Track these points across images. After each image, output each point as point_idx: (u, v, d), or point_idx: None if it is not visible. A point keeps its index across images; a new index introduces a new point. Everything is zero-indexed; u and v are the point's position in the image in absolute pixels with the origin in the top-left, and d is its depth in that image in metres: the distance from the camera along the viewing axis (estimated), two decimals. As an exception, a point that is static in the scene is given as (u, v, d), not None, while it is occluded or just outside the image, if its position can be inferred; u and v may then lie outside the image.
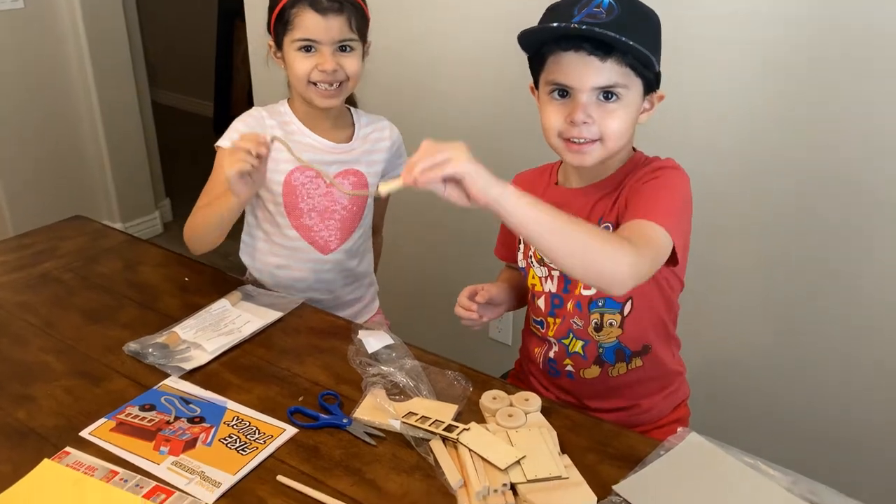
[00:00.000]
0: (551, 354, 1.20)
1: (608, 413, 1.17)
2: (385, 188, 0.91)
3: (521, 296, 1.30)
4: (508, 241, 1.28)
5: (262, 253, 1.40)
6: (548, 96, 1.05)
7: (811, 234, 1.51)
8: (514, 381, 1.32)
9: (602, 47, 0.98)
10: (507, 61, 1.79)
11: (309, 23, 1.21)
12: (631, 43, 0.96)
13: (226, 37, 4.10)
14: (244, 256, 1.44)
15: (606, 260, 0.89)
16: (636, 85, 1.02)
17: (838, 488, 0.90)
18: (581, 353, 1.16)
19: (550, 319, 1.18)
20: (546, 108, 1.05)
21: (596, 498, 0.88)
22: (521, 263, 1.21)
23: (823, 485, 0.90)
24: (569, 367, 1.18)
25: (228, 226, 1.25)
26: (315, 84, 1.25)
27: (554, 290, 1.16)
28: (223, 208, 1.21)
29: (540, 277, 1.17)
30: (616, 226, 1.06)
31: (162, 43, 4.27)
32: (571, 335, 1.16)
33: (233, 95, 4.14)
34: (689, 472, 0.93)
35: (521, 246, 1.20)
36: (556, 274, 1.15)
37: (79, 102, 2.80)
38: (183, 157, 3.32)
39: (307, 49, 1.24)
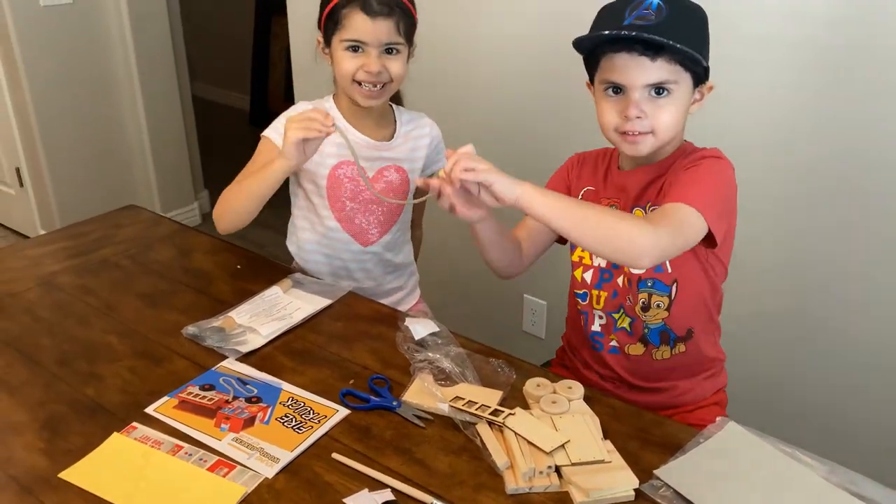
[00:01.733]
0: (597, 327, 1.23)
1: (647, 393, 1.21)
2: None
3: (507, 247, 1.23)
4: None
5: (306, 242, 1.45)
6: (603, 94, 1.11)
7: (845, 217, 1.53)
8: (557, 369, 1.36)
9: (652, 47, 1.03)
10: (545, 55, 1.82)
11: (358, 24, 1.25)
12: (678, 46, 1.01)
13: (263, 32, 4.17)
14: (290, 245, 1.49)
15: (622, 234, 0.98)
16: (686, 79, 1.07)
17: (871, 477, 0.92)
18: (628, 328, 1.20)
19: (595, 292, 1.21)
20: (602, 104, 1.11)
21: (638, 481, 0.91)
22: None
23: (861, 475, 0.93)
24: (613, 343, 1.22)
25: (263, 199, 1.24)
26: (360, 84, 1.29)
27: (604, 265, 1.20)
28: (266, 173, 1.21)
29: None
30: (658, 203, 1.11)
31: (201, 37, 4.35)
32: (622, 310, 1.19)
33: (269, 89, 4.21)
34: (728, 459, 0.96)
35: None
36: None
37: (123, 96, 2.87)
38: (220, 150, 3.39)
39: (354, 49, 1.28)
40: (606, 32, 1.04)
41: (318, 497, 0.90)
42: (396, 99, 1.47)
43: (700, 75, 1.09)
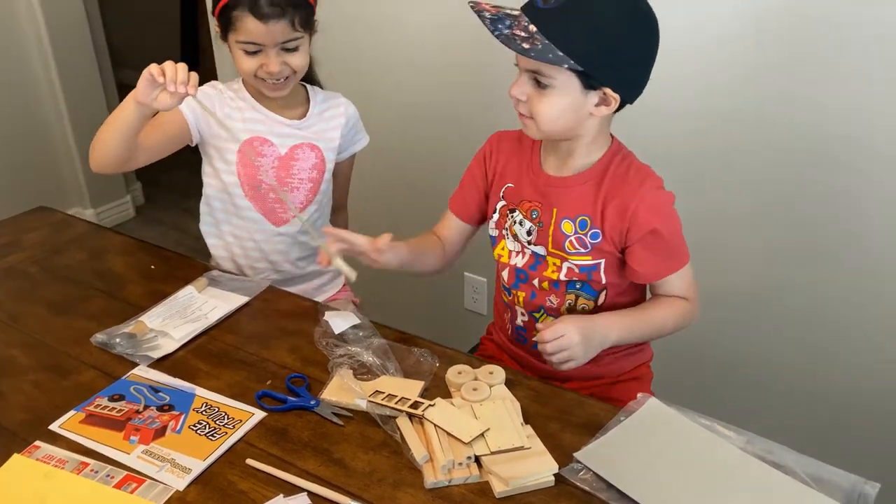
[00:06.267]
0: (520, 323, 1.22)
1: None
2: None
3: (428, 261, 1.27)
4: (468, 198, 1.26)
5: (219, 222, 1.42)
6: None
7: (763, 194, 1.54)
8: (487, 345, 1.36)
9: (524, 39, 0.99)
10: (465, 35, 1.78)
11: (250, 28, 1.21)
12: (526, 47, 0.97)
13: (191, 13, 4.01)
14: (203, 226, 1.45)
15: (684, 323, 1.15)
16: (567, 77, 1.01)
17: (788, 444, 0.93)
18: None
19: (514, 291, 1.20)
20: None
21: (557, 466, 0.90)
22: (493, 233, 1.22)
23: (777, 443, 0.94)
24: (536, 339, 1.20)
25: (120, 131, 1.18)
26: (263, 79, 1.27)
27: (520, 265, 1.18)
28: (118, 111, 1.18)
29: (511, 251, 1.19)
30: (600, 224, 1.09)
31: (125, 22, 4.18)
32: (543, 311, 1.18)
33: (201, 71, 4.06)
34: (647, 436, 0.96)
35: (496, 216, 1.21)
36: (528, 252, 1.16)
37: (41, 89, 2.74)
38: (152, 139, 3.27)
39: (252, 51, 1.24)
40: (488, 18, 1.00)
41: (231, 507, 0.87)
42: (313, 82, 1.43)
43: (591, 79, 1.00)
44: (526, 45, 0.97)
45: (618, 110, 1.08)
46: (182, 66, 1.11)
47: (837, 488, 0.88)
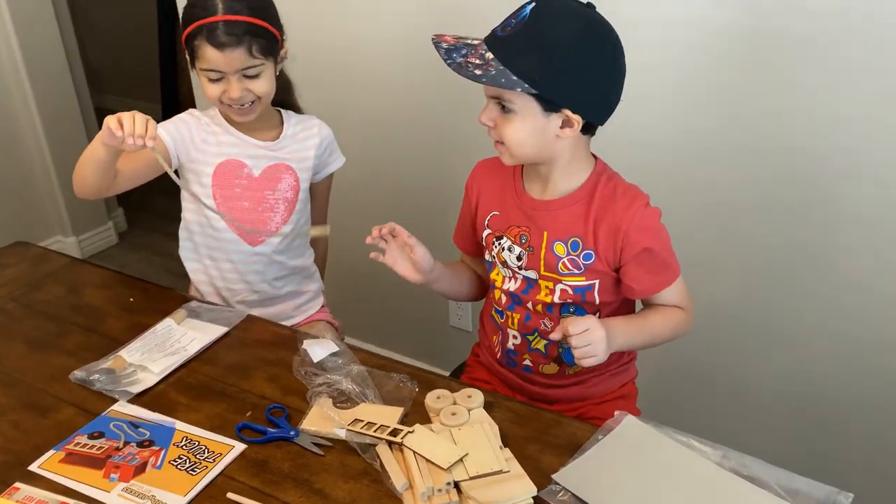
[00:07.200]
0: (511, 346, 1.23)
1: (555, 389, 1.22)
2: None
3: (464, 288, 1.32)
4: (467, 232, 1.29)
5: (197, 246, 1.43)
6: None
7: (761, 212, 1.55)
8: (473, 364, 1.37)
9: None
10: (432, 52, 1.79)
11: (209, 56, 1.23)
12: (478, 73, 0.99)
13: (169, 37, 4.02)
14: (182, 251, 1.46)
15: (681, 331, 1.18)
16: (526, 101, 1.02)
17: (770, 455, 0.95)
18: (542, 350, 1.20)
19: (509, 313, 1.21)
20: None
21: (536, 489, 0.91)
22: (487, 258, 1.23)
23: (751, 457, 0.95)
24: (527, 362, 1.22)
25: (95, 165, 1.21)
26: (228, 105, 1.29)
27: (513, 289, 1.19)
28: (91, 146, 1.21)
29: (504, 276, 1.20)
30: (593, 245, 1.11)
31: (104, 47, 4.17)
32: (537, 333, 1.19)
33: (179, 96, 4.06)
34: (624, 454, 0.97)
35: (485, 244, 1.22)
36: (520, 277, 1.17)
37: (18, 117, 2.73)
38: (133, 164, 3.27)
39: (214, 78, 1.26)
40: (443, 48, 1.03)
41: (212, 543, 0.87)
42: (292, 107, 1.45)
43: (548, 102, 1.01)
44: (478, 72, 0.99)
45: (589, 131, 1.10)
46: (140, 118, 1.12)
47: (812, 499, 0.89)
